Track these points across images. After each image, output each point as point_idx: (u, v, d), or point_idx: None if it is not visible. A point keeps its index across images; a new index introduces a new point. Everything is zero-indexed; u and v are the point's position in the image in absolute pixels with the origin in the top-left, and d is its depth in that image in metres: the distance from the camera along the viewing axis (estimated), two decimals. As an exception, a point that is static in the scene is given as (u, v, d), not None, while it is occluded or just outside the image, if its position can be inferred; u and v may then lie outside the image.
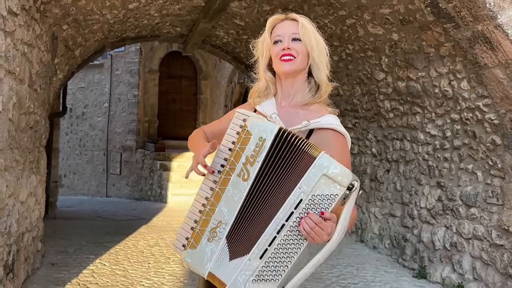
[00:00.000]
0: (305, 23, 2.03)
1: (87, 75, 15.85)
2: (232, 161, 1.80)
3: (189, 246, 1.83)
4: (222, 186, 1.80)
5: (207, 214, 1.82)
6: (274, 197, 1.77)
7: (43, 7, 4.60)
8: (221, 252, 1.81)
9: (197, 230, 1.82)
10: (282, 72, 2.03)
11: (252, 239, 1.78)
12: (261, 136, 1.79)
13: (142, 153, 14.20)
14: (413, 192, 5.98)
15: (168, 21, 7.80)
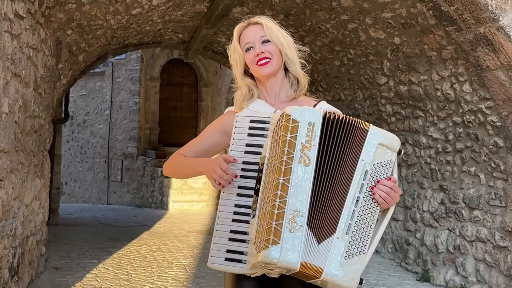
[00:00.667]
0: (268, 24, 2.09)
1: (89, 82, 15.90)
2: (287, 151, 1.78)
3: (270, 243, 1.74)
4: (285, 177, 1.77)
5: (279, 207, 1.76)
6: (341, 173, 1.85)
7: (48, 11, 4.63)
8: (307, 239, 1.79)
9: (273, 226, 1.75)
10: (263, 76, 2.08)
11: (333, 218, 1.83)
12: (309, 121, 1.83)
13: (143, 160, 14.21)
14: (415, 196, 6.00)
15: (170, 28, 7.84)
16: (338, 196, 1.85)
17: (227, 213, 1.88)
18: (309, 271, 1.78)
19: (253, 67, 2.08)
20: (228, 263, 1.87)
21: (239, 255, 1.87)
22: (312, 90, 7.55)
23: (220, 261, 1.87)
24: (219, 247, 1.88)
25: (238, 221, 1.88)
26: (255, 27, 2.11)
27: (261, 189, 1.85)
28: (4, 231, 3.55)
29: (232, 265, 1.87)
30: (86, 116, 16.09)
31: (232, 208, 1.88)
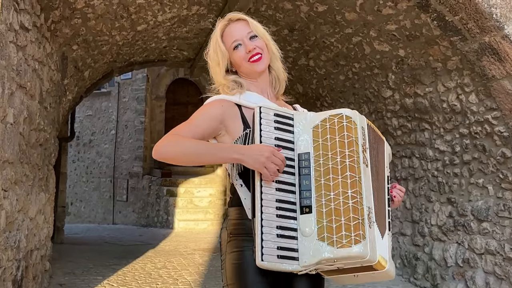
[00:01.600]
0: (251, 20, 2.07)
1: (94, 103, 15.98)
2: (355, 150, 1.83)
3: (361, 238, 1.75)
4: (359, 175, 1.82)
5: (360, 203, 1.79)
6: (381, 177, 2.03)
7: (54, 26, 4.66)
8: (377, 234, 1.89)
9: (359, 221, 1.77)
10: (256, 72, 2.04)
11: (384, 215, 2.00)
12: (362, 126, 1.92)
13: (148, 179, 14.19)
14: (423, 210, 5.93)
15: (176, 45, 7.89)
16: (382, 196, 2.02)
17: (271, 208, 1.79)
18: (378, 265, 1.84)
19: (244, 64, 2.02)
20: (282, 260, 1.78)
21: (291, 252, 1.80)
22: (317, 105, 7.54)
23: (273, 258, 1.78)
24: (270, 244, 1.78)
25: (284, 217, 1.80)
26: (239, 23, 2.06)
27: (312, 185, 1.82)
28: (8, 243, 3.52)
29: (287, 262, 1.79)
30: (92, 136, 16.14)
31: (275, 203, 1.80)
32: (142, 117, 14.25)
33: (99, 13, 5.03)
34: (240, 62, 2.02)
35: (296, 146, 1.87)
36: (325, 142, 1.84)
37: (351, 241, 1.73)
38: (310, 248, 1.78)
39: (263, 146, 1.82)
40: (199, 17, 6.36)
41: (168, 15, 5.96)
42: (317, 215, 1.79)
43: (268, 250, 1.78)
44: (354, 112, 1.89)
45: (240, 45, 2.01)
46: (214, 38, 2.06)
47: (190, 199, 13.27)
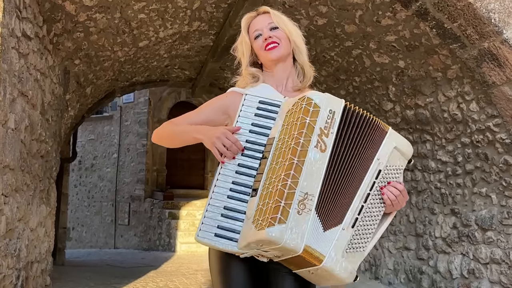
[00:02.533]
0: (276, 12, 2.14)
1: (97, 127, 16.03)
2: (305, 133, 1.77)
3: (276, 221, 1.68)
4: (300, 158, 1.74)
5: (290, 187, 1.72)
6: (355, 167, 1.85)
7: (56, 39, 4.71)
8: (314, 224, 1.74)
9: (282, 204, 1.70)
10: (271, 60, 2.08)
11: (342, 209, 1.81)
12: (331, 109, 1.83)
13: (150, 202, 14.13)
14: (427, 223, 5.88)
15: (177, 64, 7.95)
16: (350, 188, 1.84)
17: (223, 188, 1.83)
18: (310, 257, 1.73)
19: (261, 53, 2.08)
20: (217, 239, 1.80)
21: (230, 233, 1.81)
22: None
23: (210, 236, 1.80)
24: (210, 222, 1.81)
25: (234, 198, 1.83)
26: (264, 16, 2.14)
27: (266, 169, 1.81)
28: (7, 249, 3.49)
29: (222, 242, 1.80)
30: (94, 160, 16.15)
31: (229, 185, 1.83)
32: (144, 140, 14.26)
33: (101, 27, 5.09)
34: (258, 51, 2.09)
35: (270, 132, 1.90)
36: (288, 126, 1.83)
37: (267, 224, 1.69)
38: (246, 230, 1.79)
39: (219, 128, 1.90)
40: (200, 33, 6.42)
41: (170, 31, 6.02)
42: (259, 198, 1.78)
43: (207, 227, 1.81)
44: (322, 95, 1.85)
45: (261, 35, 2.08)
46: (242, 29, 2.14)
47: (192, 222, 13.18)
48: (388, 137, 1.91)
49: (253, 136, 1.89)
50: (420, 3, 4.29)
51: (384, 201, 1.86)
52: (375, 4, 4.70)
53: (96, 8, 4.71)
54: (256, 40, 2.09)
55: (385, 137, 1.90)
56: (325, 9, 5.19)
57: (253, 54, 2.13)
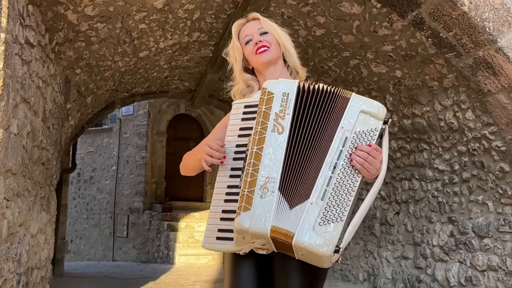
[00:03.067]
0: (266, 19, 2.23)
1: (96, 139, 16.08)
2: (262, 121, 1.85)
3: (241, 210, 1.78)
4: (259, 146, 1.83)
5: (251, 175, 1.81)
6: (318, 140, 1.87)
7: (58, 48, 4.78)
8: (278, 204, 1.80)
9: (245, 193, 1.79)
10: (262, 63, 2.15)
11: (308, 184, 1.83)
12: (284, 92, 1.90)
13: (149, 214, 14.14)
14: (424, 231, 5.92)
15: (177, 75, 8.02)
16: (314, 162, 1.86)
17: (220, 194, 1.92)
18: (280, 235, 1.77)
19: (252, 57, 2.16)
20: (219, 242, 1.89)
21: (228, 233, 1.88)
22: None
23: (212, 240, 1.89)
24: (212, 228, 1.90)
25: (230, 201, 1.90)
26: (253, 22, 2.23)
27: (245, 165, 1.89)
28: (9, 253, 3.52)
29: (223, 243, 1.89)
30: (93, 172, 16.17)
31: (225, 189, 1.91)
32: (143, 152, 14.32)
33: (102, 37, 5.16)
34: (249, 56, 2.17)
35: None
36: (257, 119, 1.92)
37: (237, 215, 1.80)
38: None
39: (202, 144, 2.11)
40: (200, 44, 6.50)
41: (170, 41, 6.09)
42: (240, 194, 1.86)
43: (209, 233, 1.91)
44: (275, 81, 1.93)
45: (251, 40, 2.16)
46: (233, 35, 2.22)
47: (191, 234, 13.19)
48: (351, 102, 1.88)
49: (241, 140, 1.96)
50: (416, 13, 4.37)
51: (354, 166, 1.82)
52: (372, 14, 4.78)
53: (97, 18, 4.79)
54: (247, 45, 2.16)
55: (348, 103, 1.88)
56: (323, 20, 5.27)
57: (244, 59, 2.20)
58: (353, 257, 7.40)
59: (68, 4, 4.30)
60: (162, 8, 5.10)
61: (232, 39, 2.23)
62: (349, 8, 4.88)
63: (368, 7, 4.71)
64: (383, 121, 1.87)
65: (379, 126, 1.87)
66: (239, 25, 2.24)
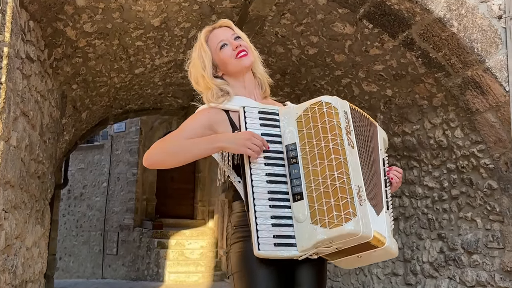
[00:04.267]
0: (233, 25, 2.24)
1: (87, 156, 16.07)
2: (338, 134, 1.93)
3: (352, 216, 1.83)
4: (344, 156, 1.91)
5: (347, 184, 1.88)
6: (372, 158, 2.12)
7: (56, 63, 4.86)
8: (371, 211, 1.96)
9: (348, 200, 1.85)
10: (244, 67, 2.15)
11: (379, 195, 2.07)
12: (344, 110, 2.02)
13: (139, 231, 14.11)
14: (414, 248, 6.00)
15: (171, 92, 8.12)
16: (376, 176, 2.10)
17: (263, 200, 1.91)
18: (376, 241, 1.92)
19: (231, 61, 2.13)
20: (279, 248, 1.88)
21: (288, 239, 1.89)
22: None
23: (270, 247, 1.87)
24: (265, 234, 1.88)
25: (277, 206, 1.91)
26: (224, 29, 2.21)
27: (301, 173, 1.93)
28: (5, 265, 3.55)
29: (284, 249, 1.88)
30: (84, 189, 16.13)
31: (266, 195, 1.91)
32: (134, 169, 14.34)
33: (99, 53, 5.25)
34: (228, 60, 2.14)
35: (283, 139, 2.00)
36: (309, 130, 1.95)
37: (342, 220, 1.82)
38: (305, 232, 1.88)
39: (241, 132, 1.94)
40: (195, 62, 6.60)
41: (165, 58, 6.20)
42: (308, 200, 1.89)
43: (264, 240, 1.88)
44: (334, 98, 2.02)
45: (226, 45, 2.15)
46: (198, 43, 2.20)
47: (181, 251, 13.17)
48: (378, 130, 2.23)
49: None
50: (406, 34, 4.50)
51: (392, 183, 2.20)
52: (364, 34, 4.91)
53: (95, 35, 4.88)
54: (222, 50, 2.14)
55: (377, 130, 2.22)
56: (316, 39, 5.40)
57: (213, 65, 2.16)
58: (343, 274, 7.46)
59: (68, 20, 4.39)
60: (159, 26, 5.21)
61: (200, 45, 2.18)
62: (342, 28, 5.01)
63: (360, 28, 4.84)
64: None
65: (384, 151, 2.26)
66: (207, 31, 2.22)
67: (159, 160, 2.07)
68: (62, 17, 4.30)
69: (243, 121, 1.98)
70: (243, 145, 1.90)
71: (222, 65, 2.17)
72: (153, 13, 4.90)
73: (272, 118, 2.03)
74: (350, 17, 4.75)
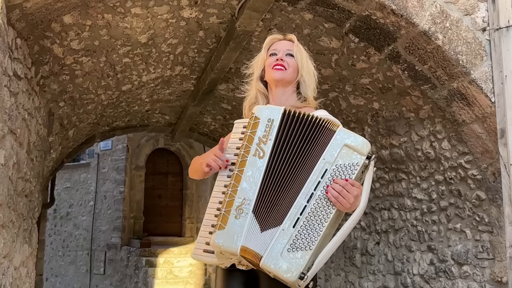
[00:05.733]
0: (300, 45, 2.33)
1: (73, 175, 15.94)
2: (246, 145, 1.97)
3: (217, 228, 1.88)
4: (240, 168, 1.94)
5: (230, 196, 1.91)
6: (298, 169, 1.93)
7: (43, 81, 4.84)
8: (250, 225, 1.88)
9: (222, 212, 1.89)
10: (273, 79, 2.26)
11: (283, 210, 1.90)
12: (269, 118, 2.00)
13: (127, 250, 13.98)
14: (404, 260, 6.00)
15: (158, 108, 8.10)
16: (291, 190, 1.93)
17: (212, 209, 2.02)
18: (249, 255, 1.86)
19: (268, 69, 2.28)
20: (205, 254, 2.01)
21: None
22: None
23: (200, 252, 2.02)
24: (201, 240, 2.03)
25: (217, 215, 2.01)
26: (287, 42, 2.35)
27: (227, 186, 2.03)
28: (-7, 285, 3.50)
29: (209, 256, 2.00)
30: (70, 208, 15.97)
31: (217, 205, 2.00)
32: (121, 187, 14.24)
33: (86, 70, 5.24)
34: (267, 67, 2.29)
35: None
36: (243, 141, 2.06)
37: (214, 231, 1.91)
38: None
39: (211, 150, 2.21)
40: (182, 78, 6.62)
41: (152, 75, 6.20)
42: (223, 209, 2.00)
43: (198, 245, 2.04)
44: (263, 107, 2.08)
45: (275, 54, 2.29)
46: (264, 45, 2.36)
47: (170, 270, 13.07)
48: (337, 135, 1.96)
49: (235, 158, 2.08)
50: (392, 47, 4.56)
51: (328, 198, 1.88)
52: (350, 48, 4.96)
53: (82, 52, 4.87)
54: (271, 57, 2.30)
55: (333, 136, 1.95)
56: (302, 54, 5.43)
57: (263, 69, 2.33)
58: (334, 288, 7.43)
59: (55, 38, 4.38)
60: (146, 43, 5.22)
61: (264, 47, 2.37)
62: (328, 43, 5.06)
63: (346, 42, 4.89)
64: (366, 157, 1.94)
65: (361, 161, 1.92)
66: (274, 39, 2.38)
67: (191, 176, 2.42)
68: (49, 34, 4.29)
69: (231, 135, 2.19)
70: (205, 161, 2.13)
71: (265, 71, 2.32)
72: (140, 29, 4.91)
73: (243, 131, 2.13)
74: (336, 31, 4.79)
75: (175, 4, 4.65)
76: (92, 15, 4.38)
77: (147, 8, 4.58)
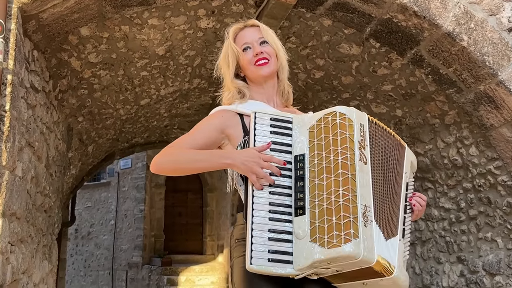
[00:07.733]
0: (265, 27, 2.15)
1: (94, 194, 15.97)
2: (349, 148, 1.77)
3: (352, 237, 1.67)
4: (352, 172, 1.75)
5: (352, 202, 1.71)
6: (391, 178, 1.91)
7: (61, 95, 4.81)
8: (378, 234, 1.76)
9: (351, 219, 1.69)
10: (262, 77, 2.08)
11: (394, 219, 1.88)
12: (361, 122, 1.85)
13: (148, 268, 13.88)
14: (433, 273, 5.80)
15: (177, 123, 8.06)
16: (394, 199, 1.91)
17: (262, 211, 1.77)
18: (380, 268, 1.72)
19: (250, 67, 2.08)
20: (272, 264, 1.73)
21: (284, 256, 1.75)
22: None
23: (264, 262, 1.72)
24: (260, 248, 1.74)
25: (277, 220, 1.78)
26: (253, 29, 2.14)
27: (307, 186, 1.79)
28: (12, 301, 3.42)
29: (278, 266, 1.73)
30: (91, 228, 15.99)
31: (267, 207, 1.78)
32: (141, 205, 14.20)
33: (104, 84, 5.20)
34: (247, 65, 2.08)
35: (293, 149, 1.87)
36: (319, 141, 1.82)
37: (341, 240, 1.67)
38: (303, 250, 1.73)
39: (251, 151, 1.83)
40: (200, 91, 6.56)
41: (171, 88, 6.15)
42: (310, 216, 1.75)
43: (258, 254, 1.73)
44: (350, 109, 1.86)
45: (249, 48, 2.09)
46: (227, 41, 2.14)
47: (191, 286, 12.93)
48: (407, 151, 2.04)
49: (275, 155, 1.85)
50: (415, 51, 4.44)
51: (414, 210, 2.01)
52: (371, 54, 4.85)
53: (100, 65, 4.84)
54: (245, 52, 2.09)
55: (405, 151, 2.03)
56: (322, 62, 5.34)
57: (237, 66, 2.12)
58: (360, 304, 7.23)
59: (72, 50, 4.35)
60: (164, 55, 5.17)
61: (228, 42, 2.13)
62: (348, 49, 4.95)
63: (367, 47, 4.78)
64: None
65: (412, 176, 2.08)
66: (237, 29, 2.15)
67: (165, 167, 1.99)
68: (66, 47, 4.26)
69: (252, 127, 1.87)
70: (249, 168, 1.79)
71: (243, 69, 2.12)
72: (158, 41, 4.87)
73: (284, 126, 1.90)
74: (357, 37, 4.69)
75: (192, 14, 4.60)
76: (109, 26, 4.34)
77: (164, 19, 4.53)
